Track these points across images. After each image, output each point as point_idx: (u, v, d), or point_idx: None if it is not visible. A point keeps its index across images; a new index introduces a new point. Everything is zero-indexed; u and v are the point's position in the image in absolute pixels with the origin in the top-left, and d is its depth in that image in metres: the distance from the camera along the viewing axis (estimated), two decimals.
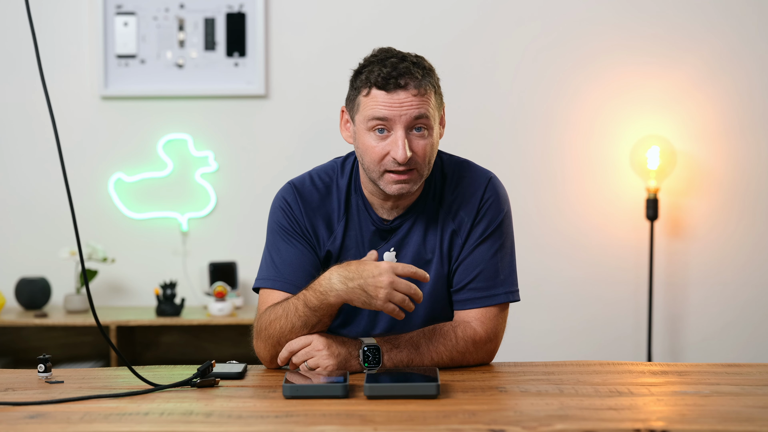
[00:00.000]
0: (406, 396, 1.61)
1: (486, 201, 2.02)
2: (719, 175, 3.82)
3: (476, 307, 1.98)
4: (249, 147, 3.83)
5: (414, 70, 1.91)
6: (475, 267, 1.99)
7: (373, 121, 1.91)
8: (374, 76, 1.91)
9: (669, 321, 3.84)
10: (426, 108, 1.91)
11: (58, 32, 3.78)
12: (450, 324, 1.96)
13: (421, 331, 1.92)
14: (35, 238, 3.82)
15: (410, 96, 1.90)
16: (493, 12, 3.80)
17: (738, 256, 3.82)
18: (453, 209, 2.02)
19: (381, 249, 2.02)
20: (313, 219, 2.02)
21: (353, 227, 2.03)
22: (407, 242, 2.03)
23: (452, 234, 2.01)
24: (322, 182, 2.05)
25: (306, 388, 1.63)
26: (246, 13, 3.77)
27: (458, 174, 2.05)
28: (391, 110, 1.90)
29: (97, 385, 1.76)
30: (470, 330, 1.94)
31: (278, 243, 2.02)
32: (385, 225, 2.03)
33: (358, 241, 2.02)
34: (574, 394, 1.66)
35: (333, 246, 2.02)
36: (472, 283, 1.99)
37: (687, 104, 3.80)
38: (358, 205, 2.04)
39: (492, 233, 2.01)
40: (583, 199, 3.83)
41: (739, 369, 1.89)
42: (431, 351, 1.90)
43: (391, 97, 1.90)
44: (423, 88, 1.91)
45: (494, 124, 3.82)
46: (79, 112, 3.80)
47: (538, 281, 3.83)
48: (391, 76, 1.90)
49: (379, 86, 1.91)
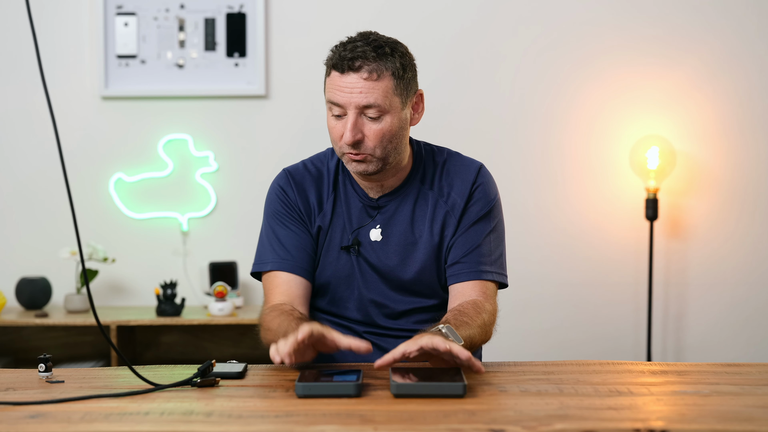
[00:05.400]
0: (433, 395, 1.61)
1: (478, 185, 2.09)
2: (719, 176, 3.82)
3: (469, 279, 2.04)
4: (249, 147, 3.83)
5: (369, 54, 1.94)
6: (469, 244, 2.06)
7: (328, 104, 1.98)
8: (335, 57, 1.97)
9: (669, 321, 3.84)
10: (377, 94, 1.94)
11: (58, 33, 3.79)
12: (468, 303, 1.99)
13: (453, 314, 1.94)
14: (36, 238, 3.82)
15: (361, 80, 1.93)
16: (493, 12, 3.80)
17: (737, 256, 3.82)
18: (445, 192, 2.09)
19: (367, 226, 2.08)
20: (305, 197, 2.10)
21: (341, 204, 2.10)
22: (393, 221, 2.08)
23: (446, 215, 2.07)
24: (315, 167, 2.14)
25: (319, 387, 1.63)
26: (246, 14, 3.78)
27: (449, 162, 2.13)
28: (342, 94, 1.95)
29: (97, 385, 1.76)
30: (480, 304, 1.99)
31: (276, 228, 2.09)
32: (371, 202, 2.09)
33: (345, 218, 2.09)
34: (574, 393, 1.66)
35: (323, 221, 2.09)
36: (465, 257, 2.05)
37: (687, 104, 3.80)
38: (346, 183, 2.11)
39: (485, 216, 2.08)
40: (583, 199, 3.83)
41: (739, 369, 1.89)
42: (475, 327, 1.92)
43: (342, 79, 1.95)
44: (376, 72, 1.94)
45: (494, 124, 3.82)
46: (80, 112, 3.80)
47: (538, 281, 3.83)
48: (345, 58, 1.94)
49: (336, 67, 1.96)
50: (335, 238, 2.09)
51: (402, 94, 1.98)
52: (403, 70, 1.98)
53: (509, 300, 3.82)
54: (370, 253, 2.08)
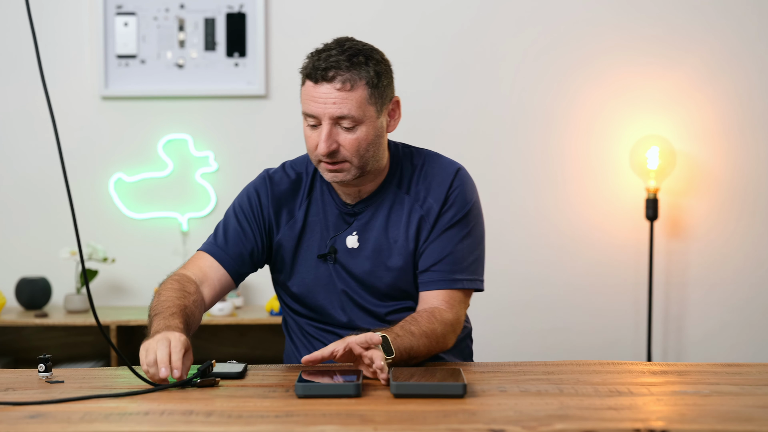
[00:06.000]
0: (433, 395, 1.61)
1: (454, 190, 2.07)
2: (719, 175, 3.82)
3: (439, 288, 2.03)
4: (249, 147, 3.83)
5: (342, 63, 1.93)
6: (440, 251, 2.04)
7: (303, 114, 1.98)
8: (309, 66, 1.97)
9: (669, 321, 3.84)
10: (350, 105, 1.93)
11: (58, 32, 3.79)
12: (424, 310, 1.99)
13: (403, 322, 1.93)
14: (36, 238, 3.82)
15: (333, 91, 1.93)
16: (493, 12, 3.80)
17: (737, 256, 3.82)
18: (421, 197, 2.07)
19: (344, 233, 2.08)
20: (278, 205, 2.11)
21: (317, 211, 2.10)
22: (370, 227, 2.08)
23: (420, 219, 2.06)
24: (294, 171, 2.15)
25: (319, 387, 1.63)
26: (246, 13, 3.78)
27: (427, 165, 2.10)
28: (315, 105, 1.94)
29: (97, 385, 1.76)
30: (438, 313, 1.98)
31: (231, 221, 2.14)
32: (347, 209, 2.08)
33: (323, 225, 2.09)
34: (574, 393, 1.66)
35: (292, 230, 2.09)
36: (436, 265, 2.04)
37: (687, 104, 3.80)
38: (323, 189, 2.11)
39: (459, 221, 2.06)
40: (583, 199, 3.83)
41: (739, 369, 1.89)
42: (422, 336, 1.91)
43: (316, 90, 1.94)
44: (349, 82, 1.93)
45: (494, 124, 3.82)
46: (80, 112, 3.80)
47: (538, 281, 3.83)
48: (318, 68, 1.94)
49: (310, 77, 1.96)
50: (313, 245, 2.09)
51: (377, 102, 1.97)
52: (378, 79, 1.96)
53: (509, 300, 3.83)
54: (347, 260, 2.07)
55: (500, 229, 3.80)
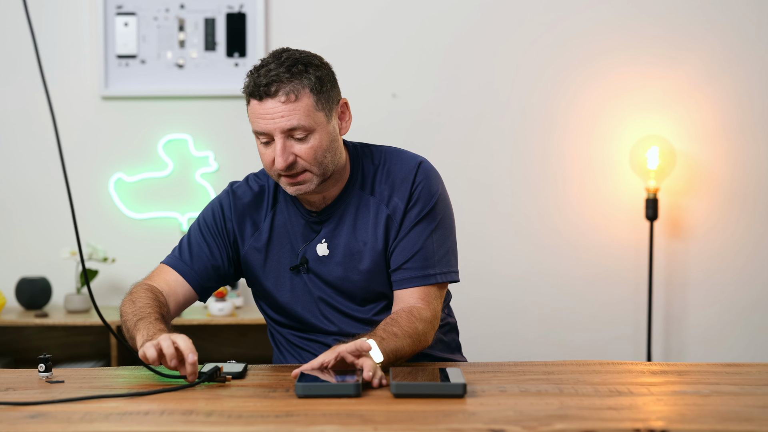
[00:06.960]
0: (433, 395, 1.62)
1: (418, 185, 2.06)
2: (719, 175, 3.82)
3: (413, 285, 2.03)
4: (249, 147, 3.82)
5: (283, 75, 1.92)
6: (410, 248, 2.04)
7: (255, 134, 1.97)
8: (250, 85, 1.96)
9: (668, 321, 3.84)
10: (299, 115, 1.92)
11: (58, 32, 3.79)
12: (402, 310, 1.99)
13: (384, 324, 1.93)
14: (36, 238, 3.82)
15: (279, 104, 1.92)
16: (493, 12, 3.80)
17: (738, 256, 3.82)
18: (386, 196, 2.06)
19: (313, 242, 2.07)
20: (241, 218, 2.11)
21: (282, 223, 2.09)
22: (338, 233, 2.07)
23: (387, 219, 2.05)
24: (257, 183, 2.13)
25: (319, 387, 1.63)
26: (246, 14, 3.78)
27: (389, 162, 2.09)
28: (264, 122, 1.93)
29: (97, 385, 1.76)
30: (416, 311, 1.98)
31: (195, 235, 2.13)
32: (313, 218, 2.07)
33: (291, 236, 2.09)
34: (574, 393, 1.66)
35: (258, 242, 2.09)
36: (407, 263, 2.03)
37: (687, 104, 3.80)
38: (287, 200, 2.10)
39: (426, 216, 2.05)
40: (583, 199, 3.83)
41: (739, 369, 1.89)
42: (405, 337, 1.91)
43: (262, 107, 1.93)
44: (294, 93, 1.92)
45: (493, 124, 3.82)
46: (80, 112, 3.80)
47: (538, 281, 3.83)
48: (260, 85, 1.93)
49: (253, 95, 1.95)
50: (283, 258, 2.09)
51: (325, 107, 1.96)
52: (321, 84, 1.95)
53: (510, 300, 3.83)
54: (320, 268, 2.07)
55: (500, 228, 3.80)
